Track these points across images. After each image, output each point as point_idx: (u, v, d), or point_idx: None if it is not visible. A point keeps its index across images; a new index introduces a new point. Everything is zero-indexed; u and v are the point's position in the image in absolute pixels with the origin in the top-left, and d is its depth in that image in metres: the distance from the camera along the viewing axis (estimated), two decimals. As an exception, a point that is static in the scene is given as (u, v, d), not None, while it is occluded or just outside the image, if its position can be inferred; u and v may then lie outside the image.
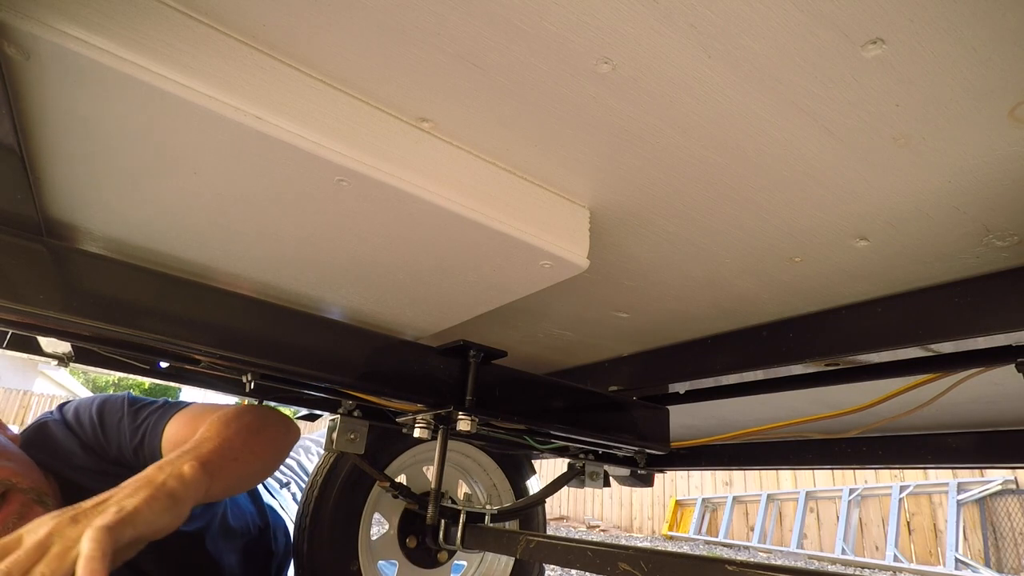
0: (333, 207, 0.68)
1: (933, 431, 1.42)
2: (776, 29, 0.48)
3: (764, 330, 1.05)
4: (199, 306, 0.82)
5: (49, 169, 0.66)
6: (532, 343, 1.30)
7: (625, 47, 0.51)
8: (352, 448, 1.26)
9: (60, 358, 1.19)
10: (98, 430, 1.21)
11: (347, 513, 1.47)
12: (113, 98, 0.53)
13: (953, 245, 0.75)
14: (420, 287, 0.88)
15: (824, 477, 7.89)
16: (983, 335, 0.78)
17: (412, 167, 0.63)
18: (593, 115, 0.60)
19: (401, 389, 0.98)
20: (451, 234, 0.71)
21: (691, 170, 0.67)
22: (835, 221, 0.73)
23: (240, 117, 0.54)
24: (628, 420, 1.27)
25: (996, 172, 0.61)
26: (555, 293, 0.96)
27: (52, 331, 0.86)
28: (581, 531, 9.70)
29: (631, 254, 0.87)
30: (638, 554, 0.84)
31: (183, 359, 1.01)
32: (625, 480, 1.85)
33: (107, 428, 1.22)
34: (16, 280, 0.71)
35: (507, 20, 0.49)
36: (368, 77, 0.58)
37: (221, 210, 0.71)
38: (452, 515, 1.34)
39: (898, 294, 0.88)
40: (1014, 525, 6.13)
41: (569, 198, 0.75)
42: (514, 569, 1.72)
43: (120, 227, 0.78)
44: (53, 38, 0.47)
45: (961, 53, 0.48)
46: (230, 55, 0.54)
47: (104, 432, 1.21)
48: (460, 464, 1.77)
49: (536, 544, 1.04)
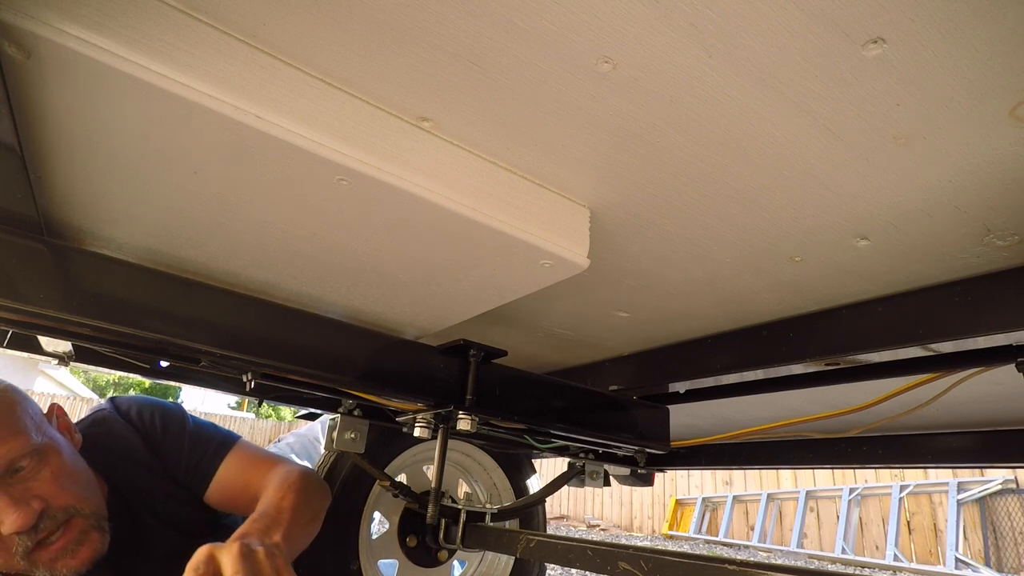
0: (333, 206, 0.68)
1: (933, 431, 1.42)
2: (777, 28, 0.48)
3: (764, 329, 1.05)
4: (199, 305, 0.82)
5: (49, 169, 0.66)
6: (532, 342, 1.30)
7: (625, 46, 0.51)
8: (352, 447, 1.27)
9: (61, 357, 1.19)
10: (159, 435, 1.26)
11: (347, 512, 1.47)
12: (113, 97, 0.53)
13: (954, 245, 0.75)
14: (420, 286, 0.88)
15: (824, 477, 7.89)
16: (983, 335, 0.78)
17: (412, 166, 0.63)
18: (593, 114, 0.60)
19: (401, 388, 0.98)
20: (451, 233, 0.71)
21: (691, 169, 0.67)
22: (835, 220, 0.73)
23: (240, 116, 0.54)
24: (628, 419, 1.27)
25: (997, 171, 0.61)
26: (555, 292, 0.96)
27: (53, 330, 0.86)
28: (581, 530, 9.70)
29: (631, 253, 0.87)
30: (638, 553, 0.84)
31: (183, 358, 1.01)
32: (625, 479, 1.85)
33: (168, 437, 1.26)
34: (17, 279, 0.71)
35: (507, 19, 0.49)
36: (368, 76, 0.58)
37: (221, 209, 0.71)
38: (452, 514, 1.34)
39: (898, 294, 0.88)
40: (1014, 525, 6.13)
41: (569, 197, 0.75)
42: (514, 568, 1.73)
43: (120, 226, 0.78)
44: (53, 37, 0.47)
45: (962, 53, 0.48)
46: (230, 54, 0.54)
47: (165, 439, 1.26)
48: (460, 463, 1.77)
49: (536, 543, 1.04)
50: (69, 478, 1.05)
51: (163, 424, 1.27)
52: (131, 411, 1.28)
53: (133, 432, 1.24)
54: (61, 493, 1.02)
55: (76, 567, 1.02)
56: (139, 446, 1.23)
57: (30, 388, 14.02)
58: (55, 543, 1.00)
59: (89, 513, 1.06)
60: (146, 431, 1.26)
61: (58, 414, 1.17)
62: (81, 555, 1.02)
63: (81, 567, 1.02)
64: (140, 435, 1.24)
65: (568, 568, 2.94)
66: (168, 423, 1.28)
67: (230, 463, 1.27)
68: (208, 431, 1.32)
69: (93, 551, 1.04)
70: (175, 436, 1.27)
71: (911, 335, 0.84)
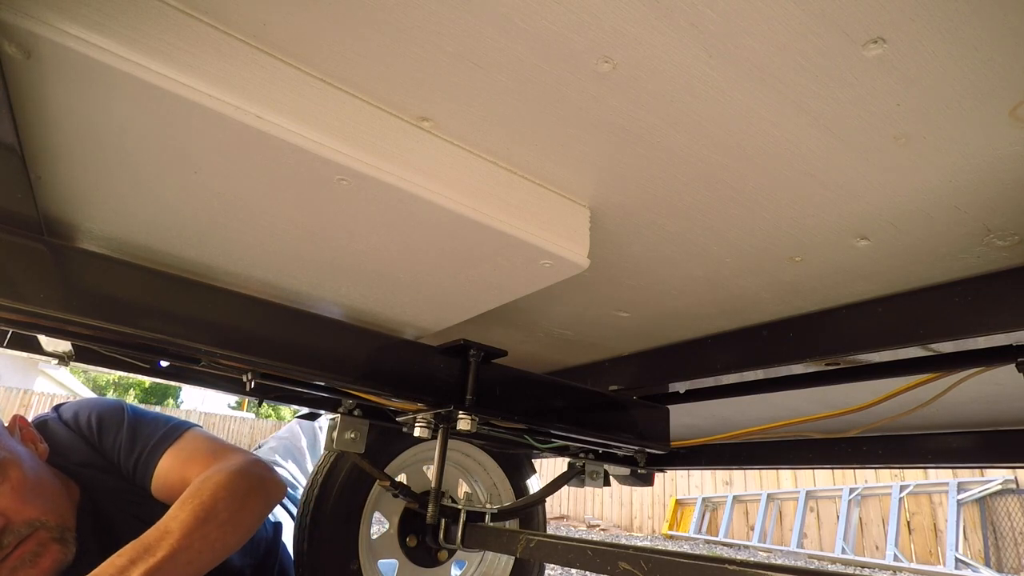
0: (333, 206, 0.68)
1: (933, 431, 1.42)
2: (777, 28, 0.48)
3: (764, 329, 1.05)
4: (199, 305, 0.82)
5: (49, 168, 0.66)
6: (532, 342, 1.30)
7: (626, 46, 0.51)
8: (352, 447, 1.26)
9: (61, 357, 1.19)
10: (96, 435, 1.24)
11: (347, 512, 1.47)
12: (113, 97, 0.53)
13: (954, 245, 0.75)
14: (420, 286, 0.88)
15: (824, 477, 7.89)
16: (983, 335, 0.78)
17: (412, 166, 0.63)
18: (594, 114, 0.60)
19: (401, 388, 0.98)
20: (451, 233, 0.71)
21: (692, 169, 0.67)
22: (835, 220, 0.73)
23: (240, 116, 0.54)
24: (628, 419, 1.27)
25: (997, 171, 0.61)
26: (555, 292, 0.96)
27: (52, 330, 0.86)
28: (581, 530, 9.70)
29: (631, 253, 0.87)
30: (638, 553, 0.84)
31: (183, 358, 1.01)
32: (625, 479, 1.85)
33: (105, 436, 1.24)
34: (16, 279, 0.71)
35: (508, 19, 0.49)
36: (369, 76, 0.58)
37: (221, 209, 0.71)
38: (452, 514, 1.34)
39: (898, 293, 0.88)
40: (1014, 525, 6.13)
41: (570, 197, 0.75)
42: (514, 568, 1.72)
43: (120, 226, 0.78)
44: (53, 37, 0.47)
45: (962, 52, 0.48)
46: (231, 54, 0.54)
47: (103, 438, 1.23)
48: (460, 463, 1.77)
49: (536, 543, 1.04)
50: (32, 491, 1.03)
51: (99, 423, 1.25)
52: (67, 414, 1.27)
53: (75, 436, 1.23)
54: (24, 508, 1.01)
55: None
56: (84, 449, 1.22)
57: (30, 388, 14.02)
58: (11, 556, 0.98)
59: (53, 526, 1.04)
60: (84, 433, 1.24)
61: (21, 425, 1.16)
62: (41, 565, 1.01)
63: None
64: (81, 438, 1.23)
65: (568, 568, 2.95)
66: (104, 421, 1.25)
67: (171, 456, 1.21)
68: (149, 424, 1.27)
69: (55, 561, 1.02)
70: (112, 434, 1.24)
71: (911, 335, 0.84)
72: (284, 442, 2.29)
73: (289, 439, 2.31)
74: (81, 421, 1.25)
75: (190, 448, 1.23)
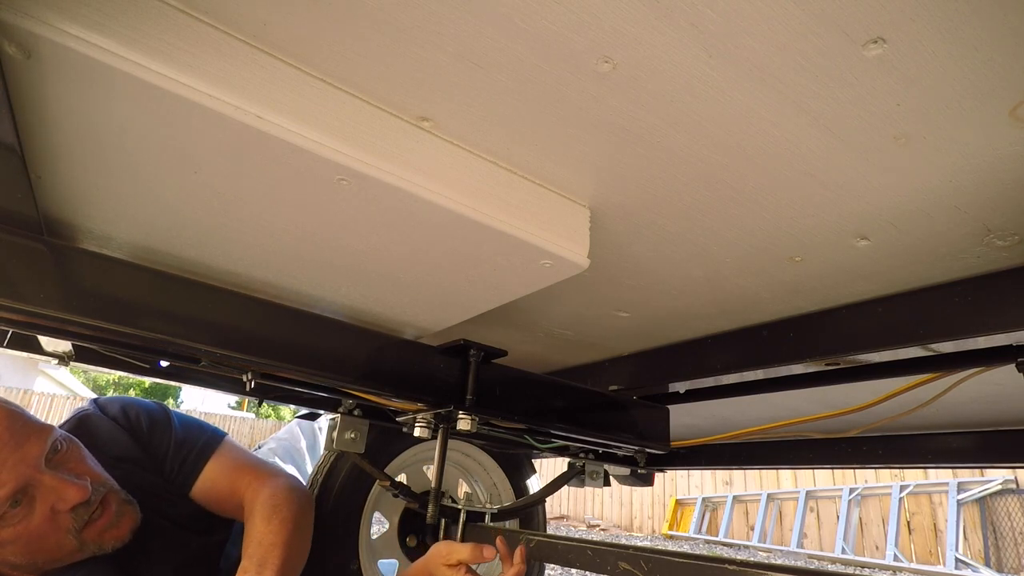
0: (333, 206, 0.68)
1: (933, 431, 1.42)
2: (777, 28, 0.48)
3: (764, 329, 1.05)
4: (199, 305, 0.82)
5: (49, 168, 0.66)
6: (532, 342, 1.30)
7: (626, 46, 0.51)
8: (352, 447, 1.27)
9: (61, 357, 1.19)
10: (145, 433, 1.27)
11: (347, 512, 1.47)
12: (113, 97, 0.53)
13: (954, 244, 0.75)
14: (420, 286, 0.88)
15: (824, 477, 7.89)
16: (983, 335, 0.78)
17: (412, 166, 0.63)
18: (594, 114, 0.60)
19: (401, 388, 0.98)
20: (451, 233, 0.71)
21: (691, 169, 0.67)
22: (835, 220, 0.73)
23: (241, 116, 0.54)
24: (628, 419, 1.27)
25: (997, 171, 0.61)
26: (555, 292, 0.96)
27: (52, 330, 0.86)
28: (581, 530, 9.70)
29: (631, 253, 0.87)
30: (638, 553, 0.84)
31: (183, 358, 1.01)
32: (625, 479, 1.85)
33: (155, 436, 1.27)
34: (16, 279, 0.71)
35: (508, 19, 0.49)
36: (369, 76, 0.58)
37: (221, 209, 0.71)
38: (452, 514, 1.34)
39: (898, 293, 0.88)
40: (1014, 525, 6.13)
41: (570, 197, 0.75)
42: (514, 568, 1.72)
43: (120, 226, 0.78)
44: (53, 37, 0.47)
45: (962, 52, 0.48)
46: (231, 54, 0.54)
47: (152, 437, 1.27)
48: (460, 463, 1.77)
49: (536, 543, 1.04)
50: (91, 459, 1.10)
51: (149, 422, 1.27)
52: (116, 410, 1.28)
53: (120, 430, 1.24)
54: (93, 470, 1.08)
55: (122, 537, 1.08)
56: (129, 444, 1.23)
57: (30, 388, 14.02)
58: (100, 519, 1.05)
59: (117, 488, 1.11)
60: (133, 429, 1.26)
61: None
62: (124, 526, 1.09)
63: (126, 537, 1.09)
64: (128, 433, 1.25)
65: (568, 568, 2.94)
66: (154, 421, 1.28)
67: (216, 464, 1.27)
68: (194, 430, 1.31)
69: (133, 521, 1.10)
70: (161, 434, 1.27)
71: (911, 335, 0.84)
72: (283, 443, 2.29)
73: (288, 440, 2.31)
74: (131, 417, 1.28)
75: (231, 457, 1.30)
